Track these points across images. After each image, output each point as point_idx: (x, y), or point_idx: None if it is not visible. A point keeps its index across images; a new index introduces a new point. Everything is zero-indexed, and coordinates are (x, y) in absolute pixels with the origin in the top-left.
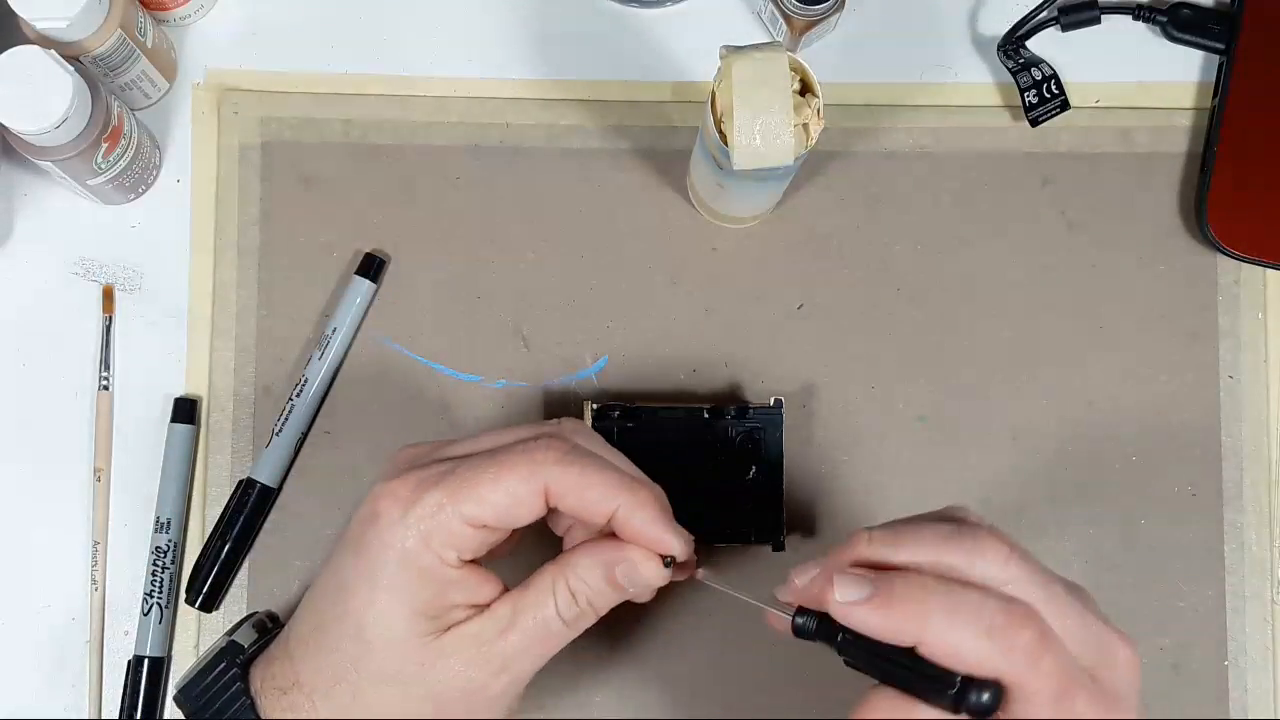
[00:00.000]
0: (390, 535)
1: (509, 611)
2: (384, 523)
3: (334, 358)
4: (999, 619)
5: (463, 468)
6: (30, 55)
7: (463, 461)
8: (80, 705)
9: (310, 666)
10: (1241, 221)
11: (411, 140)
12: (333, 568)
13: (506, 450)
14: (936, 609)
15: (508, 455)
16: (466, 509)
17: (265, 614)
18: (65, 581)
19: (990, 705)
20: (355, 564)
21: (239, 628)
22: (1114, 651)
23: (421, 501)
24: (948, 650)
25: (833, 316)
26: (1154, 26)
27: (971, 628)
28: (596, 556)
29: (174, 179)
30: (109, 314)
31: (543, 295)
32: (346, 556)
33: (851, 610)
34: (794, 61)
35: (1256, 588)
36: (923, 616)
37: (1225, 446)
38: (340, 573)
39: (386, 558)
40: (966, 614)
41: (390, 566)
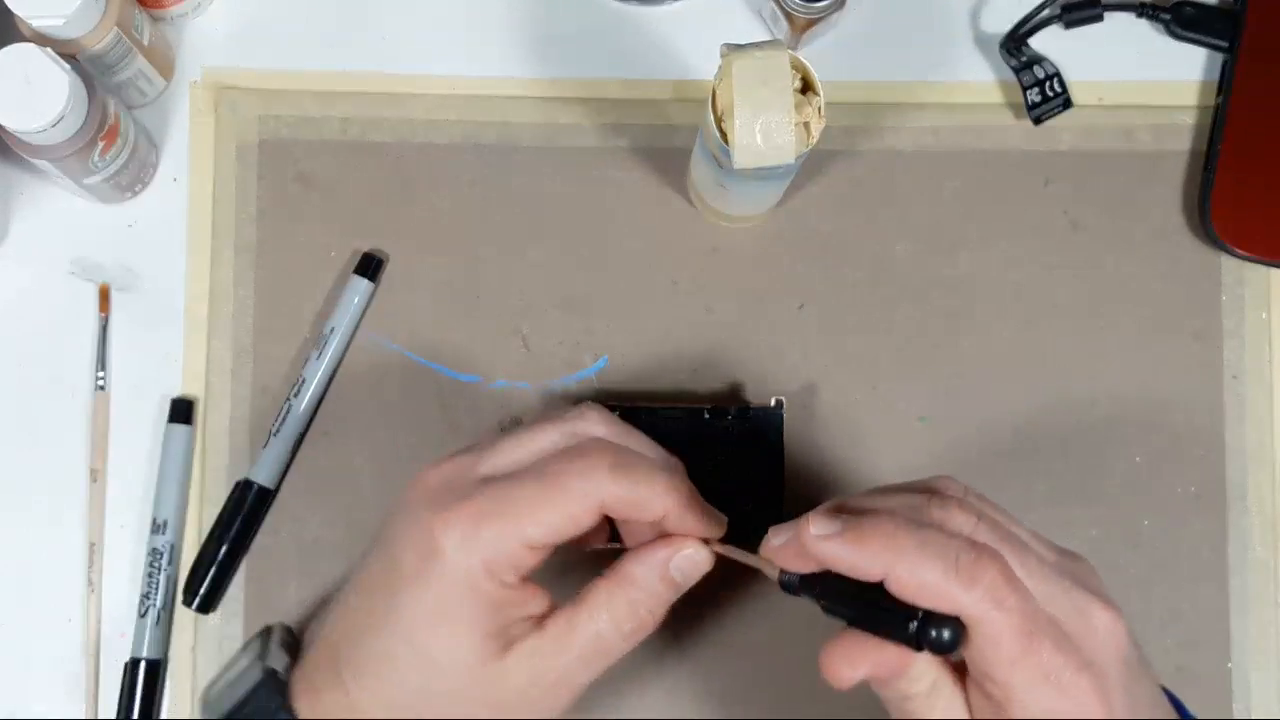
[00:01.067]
0: (455, 569)
1: (566, 628)
2: (448, 557)
3: (332, 358)
4: (966, 556)
5: (516, 492)
6: (26, 53)
7: (513, 484)
8: (77, 707)
9: (372, 697)
10: (1245, 220)
11: (410, 139)
12: (390, 600)
13: (557, 472)
14: (905, 544)
15: (561, 478)
16: (528, 534)
17: (284, 629)
18: (62, 583)
19: (950, 641)
20: (420, 597)
21: (267, 649)
22: (1091, 617)
23: (481, 534)
24: (913, 585)
25: (833, 316)
26: (1157, 24)
27: (938, 563)
28: (648, 563)
29: (171, 178)
30: (105, 314)
31: (543, 295)
32: (409, 590)
33: (824, 544)
34: (795, 60)
35: (1260, 589)
36: (891, 550)
37: (1229, 447)
38: (402, 607)
39: (454, 591)
40: (933, 550)
41: (458, 599)
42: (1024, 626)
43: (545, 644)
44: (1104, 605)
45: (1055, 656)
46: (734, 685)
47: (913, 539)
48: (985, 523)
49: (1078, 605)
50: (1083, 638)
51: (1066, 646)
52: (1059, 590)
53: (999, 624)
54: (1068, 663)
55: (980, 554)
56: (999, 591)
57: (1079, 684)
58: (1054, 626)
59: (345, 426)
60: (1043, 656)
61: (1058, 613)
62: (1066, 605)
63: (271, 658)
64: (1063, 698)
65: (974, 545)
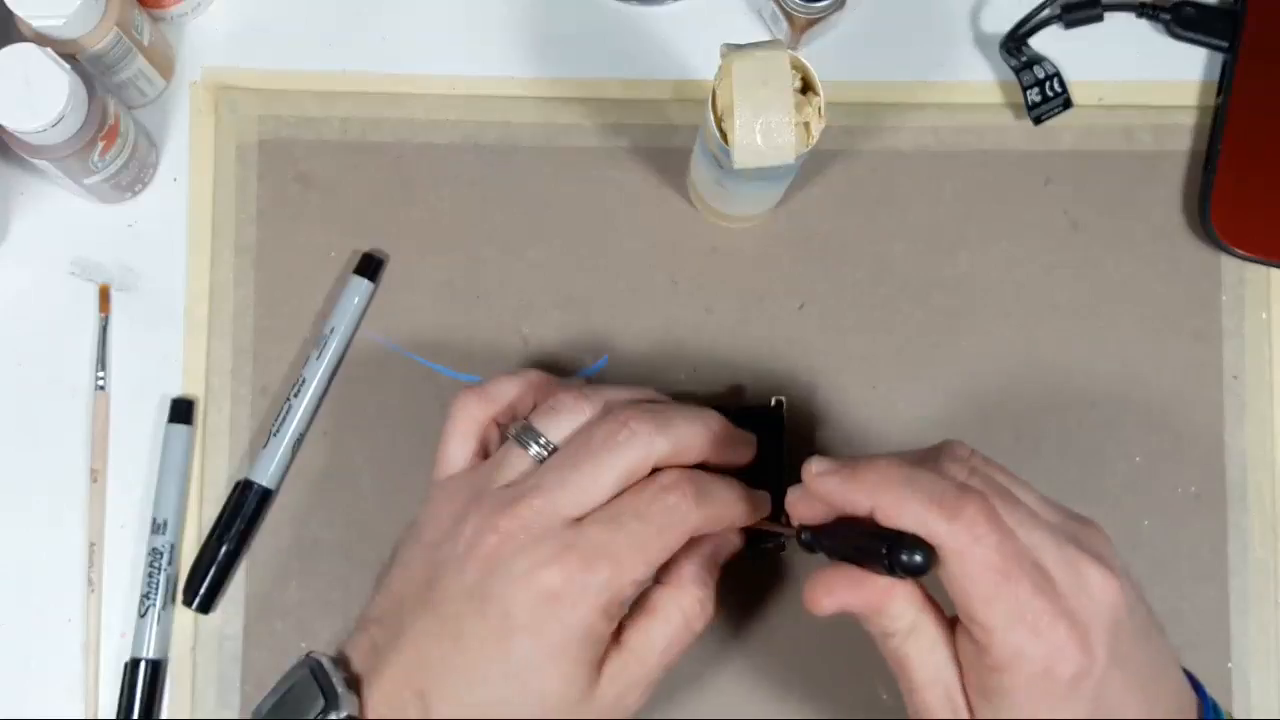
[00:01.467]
0: (574, 616)
1: (645, 640)
2: (566, 606)
3: (332, 358)
4: (950, 492)
5: (621, 538)
6: (26, 53)
7: (615, 529)
8: (76, 707)
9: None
10: (1245, 220)
11: (410, 139)
12: (500, 649)
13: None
14: (893, 478)
15: (658, 518)
16: (638, 575)
17: (334, 664)
18: (61, 583)
19: (920, 564)
20: (537, 644)
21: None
22: (1083, 573)
23: (596, 580)
24: (895, 513)
25: (834, 316)
26: (1157, 24)
27: (922, 495)
28: (700, 562)
29: (171, 178)
30: (105, 314)
31: (543, 295)
32: (523, 638)
33: (822, 479)
34: (795, 60)
35: (1260, 589)
36: (880, 484)
37: (1229, 447)
38: (516, 655)
39: (572, 636)
40: (919, 485)
41: (576, 642)
42: (1000, 564)
43: (630, 660)
44: (1098, 564)
45: (1033, 598)
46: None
47: (901, 474)
48: (980, 476)
49: (1069, 559)
50: (1071, 591)
51: (1046, 591)
52: (1051, 543)
53: (975, 558)
54: (1046, 607)
55: (964, 492)
56: (978, 527)
57: (1056, 629)
58: (1037, 571)
59: (345, 426)
60: (1019, 596)
61: (1047, 563)
62: (1058, 558)
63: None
64: (1039, 641)
65: (960, 485)
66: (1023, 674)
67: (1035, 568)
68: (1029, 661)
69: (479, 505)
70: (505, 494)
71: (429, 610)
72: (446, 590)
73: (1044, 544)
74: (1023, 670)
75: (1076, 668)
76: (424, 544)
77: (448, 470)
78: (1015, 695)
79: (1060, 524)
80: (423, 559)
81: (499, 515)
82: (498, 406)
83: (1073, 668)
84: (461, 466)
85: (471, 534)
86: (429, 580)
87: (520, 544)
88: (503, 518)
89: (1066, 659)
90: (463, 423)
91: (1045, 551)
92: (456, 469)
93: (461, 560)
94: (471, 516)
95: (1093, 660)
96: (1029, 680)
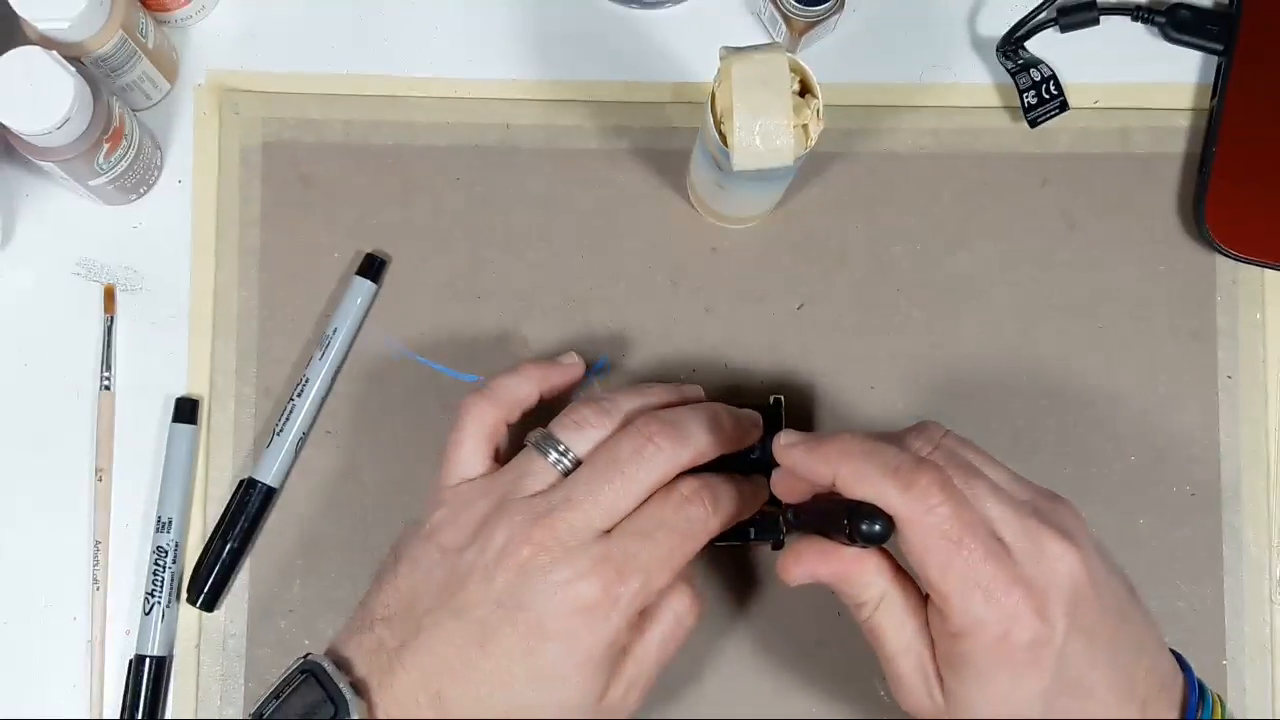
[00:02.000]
0: (606, 628)
1: (643, 643)
2: (600, 616)
3: (335, 358)
4: (906, 463)
5: (651, 550)
6: (32, 56)
7: (644, 541)
8: (81, 705)
9: None
10: (1240, 222)
11: (412, 141)
12: (528, 659)
13: (677, 522)
14: (854, 450)
15: (682, 527)
16: (663, 583)
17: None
18: (67, 581)
19: (878, 533)
20: (566, 653)
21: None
22: (1044, 545)
23: (628, 592)
24: (853, 483)
25: (833, 316)
26: (1153, 27)
27: (879, 467)
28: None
29: (175, 180)
30: (110, 314)
31: (543, 295)
32: (554, 646)
33: (788, 450)
34: (794, 62)
35: (1255, 587)
36: (840, 456)
37: (1224, 446)
38: (546, 664)
39: (601, 646)
40: (878, 457)
41: (604, 650)
42: (953, 532)
43: (629, 666)
44: (1060, 536)
45: (984, 565)
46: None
47: (862, 447)
48: (943, 451)
49: (1029, 530)
50: (1029, 560)
51: (1000, 560)
52: (1012, 515)
53: (928, 526)
54: (999, 574)
55: (920, 464)
56: (931, 496)
57: (1010, 594)
58: (991, 540)
59: (348, 426)
60: (971, 563)
61: (1005, 534)
62: (1017, 529)
63: (355, 708)
64: (993, 606)
65: (918, 458)
66: (981, 640)
67: (990, 537)
68: (986, 627)
69: (508, 514)
70: (536, 504)
71: (452, 614)
72: (472, 596)
73: (1004, 516)
74: (980, 636)
75: (1033, 634)
76: (443, 548)
77: (462, 474)
78: (976, 662)
79: (1028, 500)
80: (442, 563)
81: (532, 526)
82: (509, 408)
83: (1029, 634)
84: (478, 471)
85: (503, 542)
86: (449, 585)
87: (555, 556)
88: (536, 529)
89: (1022, 625)
90: (475, 425)
91: (1005, 523)
92: (472, 474)
93: (490, 568)
94: (501, 525)
95: (1050, 628)
96: (987, 647)
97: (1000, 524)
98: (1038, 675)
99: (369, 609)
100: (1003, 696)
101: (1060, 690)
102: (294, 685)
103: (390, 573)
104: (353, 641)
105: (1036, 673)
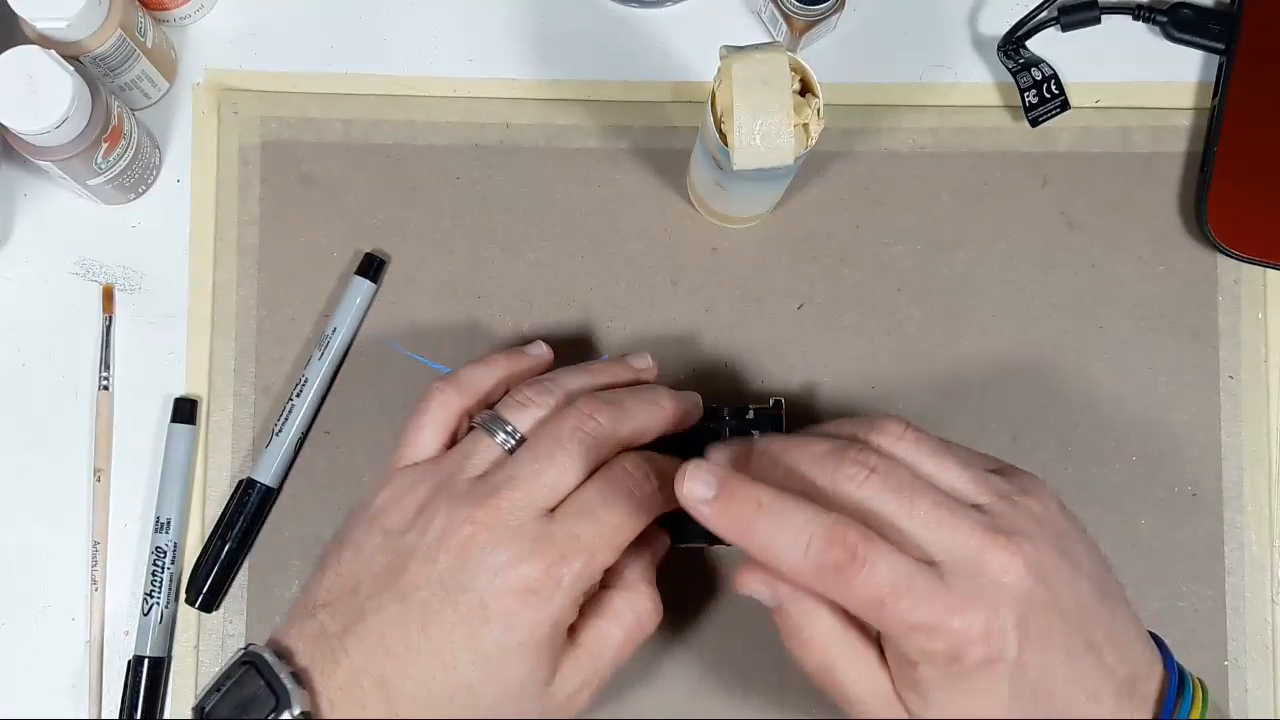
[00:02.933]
0: (550, 607)
1: (599, 640)
2: (542, 596)
3: (334, 358)
4: (818, 539)
5: (594, 528)
6: (30, 55)
7: (588, 520)
8: (80, 705)
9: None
10: (1241, 221)
11: (411, 140)
12: (471, 641)
13: (619, 499)
14: (764, 521)
15: (626, 503)
16: (607, 562)
17: (276, 656)
18: (65, 581)
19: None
20: (510, 634)
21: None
22: (985, 562)
23: (570, 572)
24: (770, 559)
25: (833, 316)
26: (1154, 26)
27: (791, 544)
28: (646, 565)
29: (174, 179)
30: (109, 314)
31: (543, 295)
32: (495, 628)
33: (696, 506)
34: (794, 61)
35: (1256, 588)
36: (751, 526)
37: (1225, 446)
38: (486, 645)
39: (543, 627)
40: (789, 533)
41: (546, 633)
42: (874, 596)
43: (583, 658)
44: (1005, 546)
45: (917, 610)
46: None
47: (772, 519)
48: (876, 476)
49: (974, 549)
50: (972, 582)
51: (930, 598)
52: (950, 539)
53: (849, 600)
54: (933, 609)
55: (831, 534)
56: (844, 572)
57: (953, 622)
58: (919, 579)
59: (347, 426)
60: (899, 612)
61: (947, 559)
62: (962, 551)
63: (296, 698)
64: (937, 638)
65: (829, 526)
66: (934, 666)
67: (917, 576)
68: (935, 656)
69: (449, 494)
70: (479, 485)
71: (394, 598)
72: (415, 578)
73: (939, 541)
74: (934, 662)
75: (984, 654)
76: (385, 530)
77: (413, 456)
78: (936, 684)
79: (986, 501)
80: (385, 545)
81: (475, 506)
82: (474, 397)
83: (979, 654)
84: (429, 454)
85: (443, 523)
86: (392, 567)
87: (497, 535)
88: (479, 509)
89: (972, 648)
90: (438, 411)
91: (943, 549)
92: (423, 456)
93: (432, 549)
94: (441, 505)
95: (1001, 644)
96: (941, 671)
97: (937, 549)
98: (995, 690)
99: (311, 595)
100: (966, 711)
101: (1022, 697)
102: (234, 677)
103: (334, 557)
104: (294, 630)
105: (994, 688)
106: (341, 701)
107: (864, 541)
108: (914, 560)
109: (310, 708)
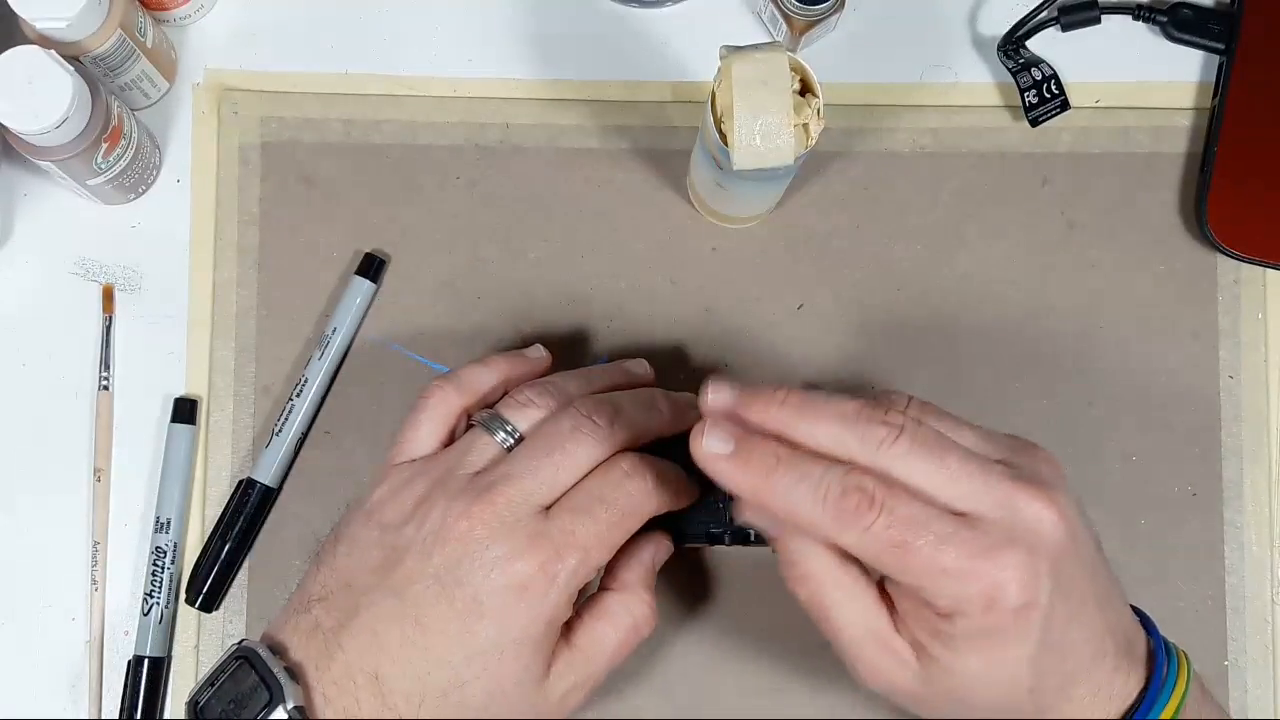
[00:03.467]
0: (545, 604)
1: (595, 641)
2: (537, 593)
3: (334, 358)
4: (835, 488)
5: (590, 526)
6: (30, 55)
7: (583, 518)
8: (80, 705)
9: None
10: (1242, 221)
11: (412, 140)
12: (464, 636)
13: (615, 499)
14: (782, 474)
15: (621, 504)
16: (602, 561)
17: (270, 651)
18: (65, 581)
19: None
20: (505, 631)
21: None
22: (1020, 509)
23: (565, 569)
24: (789, 512)
25: (833, 316)
26: (1154, 26)
27: (809, 496)
28: (643, 567)
29: (174, 179)
30: (109, 314)
31: (543, 295)
32: (490, 624)
33: (713, 461)
34: (794, 61)
35: (1256, 588)
36: (769, 480)
37: (1225, 446)
38: (480, 640)
39: (538, 624)
40: (807, 485)
41: (540, 631)
42: (894, 539)
43: (578, 659)
44: (1035, 495)
45: (941, 552)
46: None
47: (790, 472)
48: (905, 436)
49: (1003, 496)
50: (1008, 527)
51: (960, 539)
52: (983, 489)
53: (870, 548)
54: (962, 551)
55: (846, 483)
56: (862, 518)
57: (987, 563)
58: (945, 522)
59: (347, 426)
60: (924, 556)
61: (979, 508)
62: (992, 500)
63: (290, 693)
64: (970, 581)
65: (844, 476)
66: (970, 613)
67: (942, 519)
68: (971, 600)
69: (446, 490)
70: (477, 481)
71: (389, 592)
72: (410, 572)
73: (972, 491)
74: (969, 610)
75: (1021, 597)
76: (381, 525)
77: (411, 453)
78: (967, 633)
79: (1003, 458)
80: (380, 540)
81: (472, 502)
82: (473, 397)
83: (1017, 597)
84: (426, 451)
85: (440, 518)
86: (388, 562)
87: (492, 531)
88: (475, 504)
89: (1009, 590)
90: (439, 409)
91: (975, 497)
92: (420, 453)
93: (428, 544)
94: (438, 500)
95: (1038, 589)
96: (976, 617)
97: (966, 499)
98: (1026, 640)
99: (306, 590)
100: (991, 664)
101: (1046, 650)
102: (229, 672)
103: (329, 552)
104: (289, 624)
105: (1024, 636)
106: (335, 696)
107: (881, 488)
108: (936, 509)
109: (304, 703)
